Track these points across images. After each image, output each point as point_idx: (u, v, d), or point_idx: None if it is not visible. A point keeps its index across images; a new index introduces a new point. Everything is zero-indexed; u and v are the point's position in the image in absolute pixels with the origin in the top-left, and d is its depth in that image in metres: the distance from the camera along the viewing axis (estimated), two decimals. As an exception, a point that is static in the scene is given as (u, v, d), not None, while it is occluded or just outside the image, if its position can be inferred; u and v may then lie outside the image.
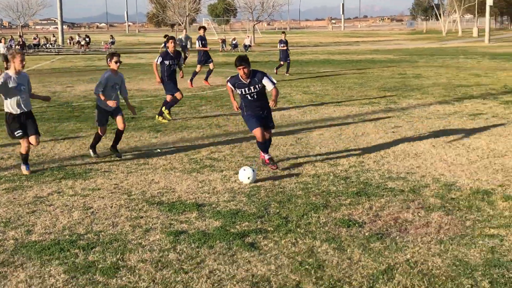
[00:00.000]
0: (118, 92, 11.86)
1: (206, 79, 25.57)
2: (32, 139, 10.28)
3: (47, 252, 6.97)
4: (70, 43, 78.02)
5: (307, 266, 6.44)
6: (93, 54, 59.24)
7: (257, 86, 10.23)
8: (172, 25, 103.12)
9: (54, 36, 78.44)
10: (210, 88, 24.15)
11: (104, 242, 7.31)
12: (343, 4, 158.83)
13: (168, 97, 16.37)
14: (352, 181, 9.74)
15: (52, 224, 8.00)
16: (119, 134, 11.87)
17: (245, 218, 8.07)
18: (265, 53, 54.47)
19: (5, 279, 6.29)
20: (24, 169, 10.52)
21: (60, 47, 73.00)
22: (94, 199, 9.06)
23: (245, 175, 9.60)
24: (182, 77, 17.31)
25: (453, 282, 6.00)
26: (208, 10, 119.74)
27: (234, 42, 66.03)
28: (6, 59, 34.04)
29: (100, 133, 11.86)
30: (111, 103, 11.28)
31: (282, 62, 29.74)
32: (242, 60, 10.08)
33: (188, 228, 7.73)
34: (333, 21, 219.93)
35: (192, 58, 38.93)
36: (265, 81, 10.24)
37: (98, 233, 7.61)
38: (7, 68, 34.20)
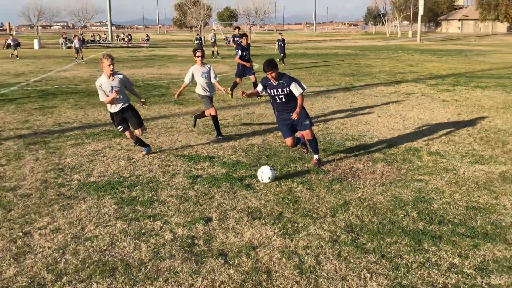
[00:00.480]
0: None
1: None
2: (137, 132, 8.62)
3: (101, 190, 7.02)
4: (117, 40, 77.19)
5: (287, 201, 6.50)
6: (133, 48, 58.62)
7: (284, 89, 7.53)
8: (191, 27, 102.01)
9: (105, 34, 77.82)
10: (219, 72, 23.94)
11: (143, 182, 7.35)
12: (315, 13, 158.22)
13: (237, 80, 15.74)
14: (320, 141, 9.76)
15: (105, 170, 8.03)
16: (215, 120, 10.06)
17: (243, 166, 8.10)
18: (258, 48, 53.95)
19: (72, 208, 6.34)
20: (142, 151, 8.87)
21: (109, 42, 72.23)
22: (135, 152, 9.06)
23: (263, 176, 7.23)
24: (251, 66, 15.84)
25: (391, 213, 6.07)
26: (216, 15, 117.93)
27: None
28: (77, 51, 33.67)
29: (211, 114, 10.01)
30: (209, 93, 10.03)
31: (282, 54, 29.31)
32: (269, 65, 7.50)
33: (202, 173, 7.77)
34: (307, 25, 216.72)
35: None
36: (293, 87, 7.52)
37: (138, 176, 7.64)
38: (80, 58, 33.46)
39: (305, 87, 7.73)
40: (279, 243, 5.30)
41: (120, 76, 8.36)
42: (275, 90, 7.65)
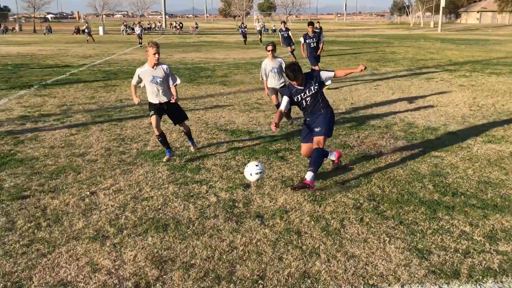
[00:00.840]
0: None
1: (292, 53, 22.22)
2: (182, 126, 7.20)
3: (156, 157, 7.14)
4: (170, 27, 77.44)
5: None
6: (184, 34, 58.74)
7: (313, 88, 5.96)
8: (234, 16, 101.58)
9: (159, 22, 78.21)
10: (258, 57, 23.85)
11: (191, 152, 7.44)
12: (345, 4, 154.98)
13: (316, 68, 13.46)
14: (347, 119, 9.65)
15: (159, 141, 8.15)
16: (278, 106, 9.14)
17: (278, 141, 8.10)
18: (297, 35, 53.38)
19: (131, 173, 6.49)
20: (165, 157, 6.98)
21: (163, 29, 72.55)
22: (185, 126, 9.16)
23: (249, 172, 5.71)
24: (319, 52, 13.89)
25: (409, 185, 5.99)
26: (257, 6, 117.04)
27: (273, 27, 64.55)
28: (140, 37, 33.94)
29: (273, 102, 9.33)
30: (272, 83, 9.06)
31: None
32: (294, 72, 5.84)
33: (243, 146, 7.80)
34: (338, 15, 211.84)
35: (264, 39, 38.19)
36: (324, 74, 6.10)
37: (188, 147, 7.73)
38: (140, 44, 33.74)
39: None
40: (309, 208, 5.32)
41: (164, 67, 6.75)
42: (303, 93, 5.99)
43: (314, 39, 13.66)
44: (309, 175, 5.62)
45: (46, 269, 4.11)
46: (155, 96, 6.79)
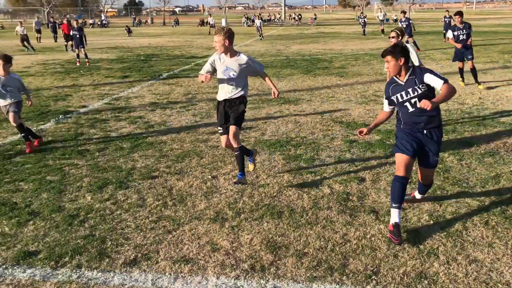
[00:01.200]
0: None
1: (414, 45, 21.75)
2: (230, 129, 5.40)
3: (272, 147, 7.29)
4: (289, 19, 78.06)
5: (438, 170, 6.12)
6: (302, 26, 58.82)
7: (417, 88, 4.35)
8: (354, 7, 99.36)
9: (279, 14, 78.97)
10: (377, 48, 23.08)
11: (306, 143, 7.49)
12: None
13: (460, 64, 12.38)
14: (474, 115, 8.99)
15: (276, 130, 8.31)
16: None
17: (397, 135, 7.81)
18: (422, 25, 50.67)
19: (249, 160, 6.73)
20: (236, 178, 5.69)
21: (282, 21, 73.32)
22: (300, 117, 9.23)
23: None
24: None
25: (544, 189, 5.43)
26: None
27: (394, 17, 61.84)
28: (259, 30, 34.75)
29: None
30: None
31: (444, 31, 26.69)
32: (394, 50, 4.46)
33: (358, 139, 7.65)
34: (467, 3, 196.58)
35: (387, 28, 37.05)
36: (428, 79, 4.33)
37: (303, 138, 7.80)
38: (261, 36, 34.42)
39: (446, 78, 4.37)
40: (428, 206, 5.08)
41: (244, 59, 5.42)
42: (404, 93, 4.46)
43: (464, 30, 11.89)
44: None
45: (171, 245, 4.45)
46: (223, 91, 5.46)
